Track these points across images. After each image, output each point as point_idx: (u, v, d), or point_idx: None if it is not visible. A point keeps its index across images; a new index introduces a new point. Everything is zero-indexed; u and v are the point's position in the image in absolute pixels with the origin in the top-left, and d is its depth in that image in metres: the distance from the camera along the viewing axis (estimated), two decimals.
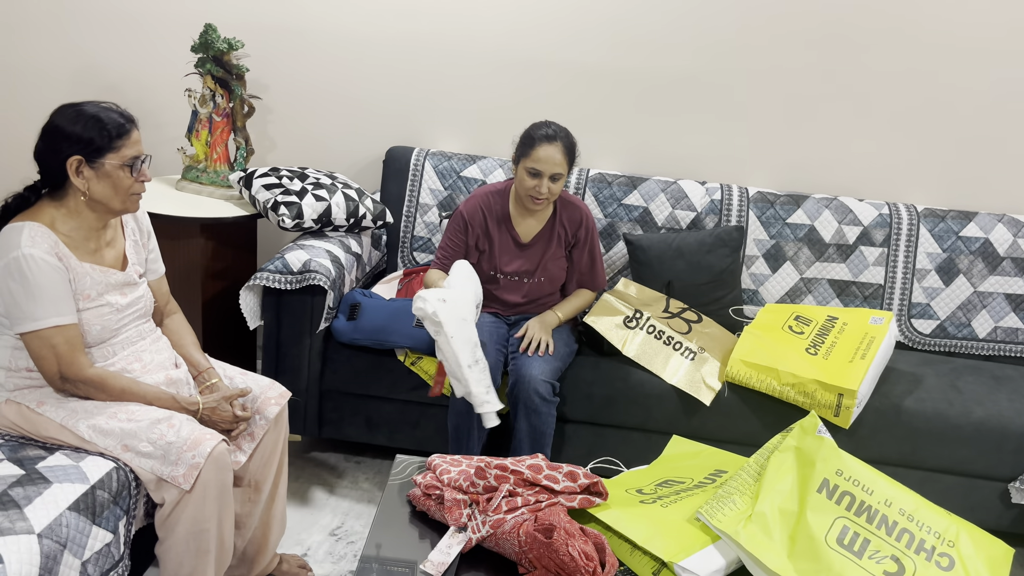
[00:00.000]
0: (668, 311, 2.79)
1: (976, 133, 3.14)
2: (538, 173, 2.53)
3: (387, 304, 2.70)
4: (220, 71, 2.99)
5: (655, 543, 1.64)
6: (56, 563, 1.63)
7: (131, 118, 1.92)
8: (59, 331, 1.84)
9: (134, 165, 1.89)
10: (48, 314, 1.82)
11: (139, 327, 2.04)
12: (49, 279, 1.82)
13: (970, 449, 2.58)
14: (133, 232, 2.07)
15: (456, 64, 3.24)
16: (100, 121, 1.85)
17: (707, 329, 2.79)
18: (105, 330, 1.94)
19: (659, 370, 2.63)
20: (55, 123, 1.85)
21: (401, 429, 2.75)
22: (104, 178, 1.87)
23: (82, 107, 1.87)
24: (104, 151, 1.85)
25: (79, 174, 1.85)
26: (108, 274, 1.94)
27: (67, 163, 1.83)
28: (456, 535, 1.70)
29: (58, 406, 1.89)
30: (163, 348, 2.10)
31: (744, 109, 3.19)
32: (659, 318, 2.75)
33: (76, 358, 1.86)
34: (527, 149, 2.55)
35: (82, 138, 1.83)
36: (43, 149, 1.86)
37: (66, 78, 3.35)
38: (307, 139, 3.36)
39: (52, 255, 1.83)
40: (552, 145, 2.53)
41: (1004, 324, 3.03)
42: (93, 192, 1.87)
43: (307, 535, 2.54)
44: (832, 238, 3.04)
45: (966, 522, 1.74)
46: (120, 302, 1.97)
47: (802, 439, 1.80)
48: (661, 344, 2.68)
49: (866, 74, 3.12)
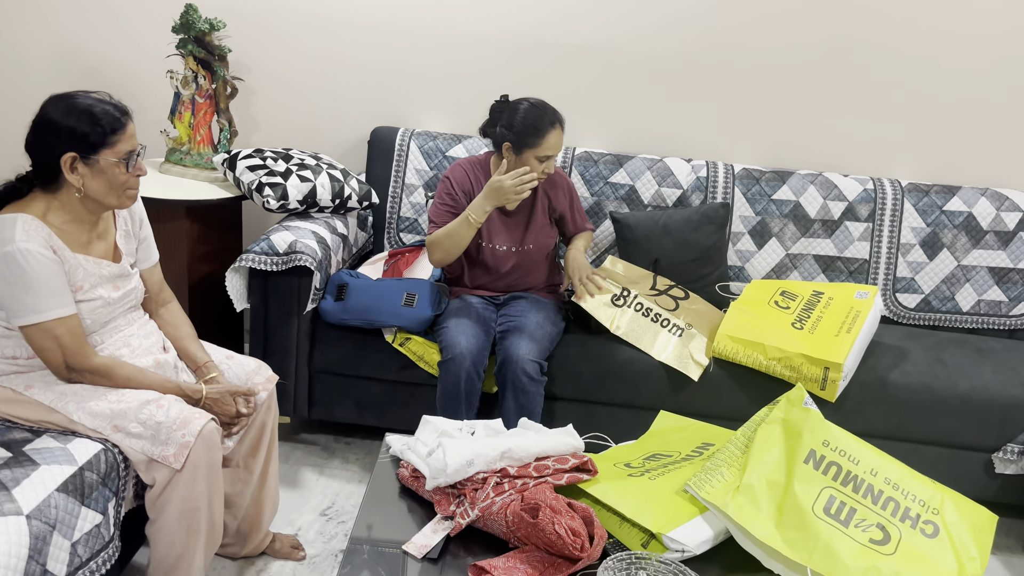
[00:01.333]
0: (655, 288, 2.80)
1: (959, 107, 3.15)
2: (548, 158, 2.58)
3: (375, 284, 2.69)
4: (202, 52, 2.96)
5: (643, 515, 1.66)
6: (46, 544, 1.62)
7: (125, 110, 1.86)
8: (61, 322, 1.82)
9: (129, 160, 1.85)
10: (50, 306, 1.80)
11: (127, 315, 2.04)
12: (47, 271, 1.79)
13: (955, 421, 2.60)
14: (124, 222, 2.04)
15: (440, 43, 3.22)
16: (94, 115, 1.79)
17: (694, 306, 2.80)
18: (95, 323, 1.93)
19: (647, 347, 2.64)
20: (47, 116, 1.80)
21: (390, 409, 2.76)
22: (99, 174, 1.82)
23: (75, 99, 1.81)
24: (99, 147, 1.80)
25: (73, 171, 1.80)
26: (101, 265, 1.92)
27: (61, 160, 1.79)
28: (442, 521, 1.70)
29: (46, 389, 1.88)
30: (151, 332, 2.09)
31: (729, 86, 3.19)
32: (647, 296, 2.76)
33: (81, 348, 1.85)
34: (534, 139, 2.54)
35: (76, 133, 1.78)
36: (35, 143, 1.82)
37: (45, 61, 3.31)
38: (291, 120, 3.34)
39: (47, 248, 1.80)
40: (556, 129, 2.56)
41: (987, 297, 3.05)
42: (88, 188, 1.83)
43: (298, 515, 2.54)
44: (817, 214, 3.05)
45: (950, 490, 1.77)
46: (112, 296, 1.95)
47: (789, 411, 1.81)
48: (649, 322, 2.69)
49: (851, 49, 3.12)
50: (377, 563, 1.60)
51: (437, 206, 2.68)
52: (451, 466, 1.70)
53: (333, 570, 2.33)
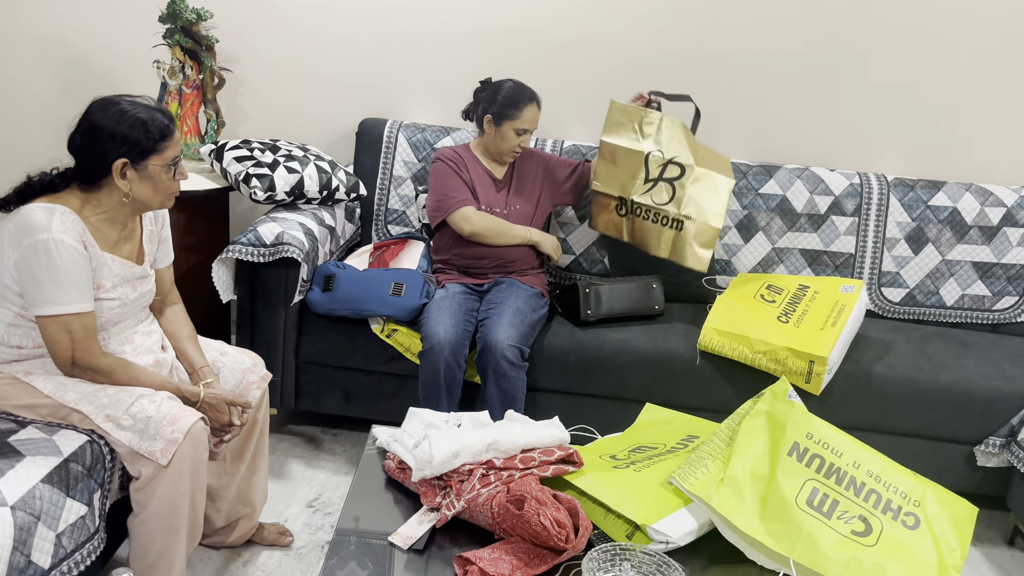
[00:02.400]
0: (649, 179, 2.76)
1: (945, 103, 3.17)
2: (524, 132, 2.75)
3: (361, 274, 2.69)
4: (189, 42, 2.95)
5: (628, 507, 1.67)
6: (30, 535, 1.62)
7: (172, 117, 1.92)
8: (78, 318, 1.83)
9: (175, 166, 1.90)
10: (71, 300, 1.81)
11: (137, 315, 2.05)
12: (76, 266, 1.81)
13: (938, 413, 2.63)
14: (149, 222, 2.07)
15: (429, 35, 3.22)
16: (145, 124, 1.84)
17: (691, 186, 2.70)
18: (108, 322, 1.95)
19: (654, 249, 2.79)
20: (98, 123, 1.82)
21: (378, 401, 2.76)
22: (147, 180, 1.87)
23: (124, 106, 1.84)
24: (149, 153, 1.85)
25: (123, 176, 1.84)
26: (127, 266, 1.94)
27: (113, 166, 1.81)
28: (428, 513, 1.71)
29: (46, 378, 1.89)
30: (153, 331, 2.10)
31: (715, 80, 3.20)
32: (642, 194, 2.75)
33: (90, 345, 1.86)
34: (513, 111, 2.72)
35: (128, 139, 1.82)
36: (84, 147, 1.84)
37: (32, 49, 3.28)
38: (278, 111, 3.33)
39: (79, 243, 1.82)
40: (534, 105, 2.75)
41: (971, 292, 3.08)
42: (135, 193, 1.87)
43: (284, 507, 2.55)
44: (804, 208, 3.07)
45: (932, 482, 1.79)
46: (130, 296, 1.97)
47: (773, 404, 1.83)
48: (650, 223, 2.77)
49: (839, 46, 3.13)
50: (363, 554, 1.60)
51: (447, 183, 2.77)
52: (437, 458, 1.71)
53: (319, 561, 2.33)
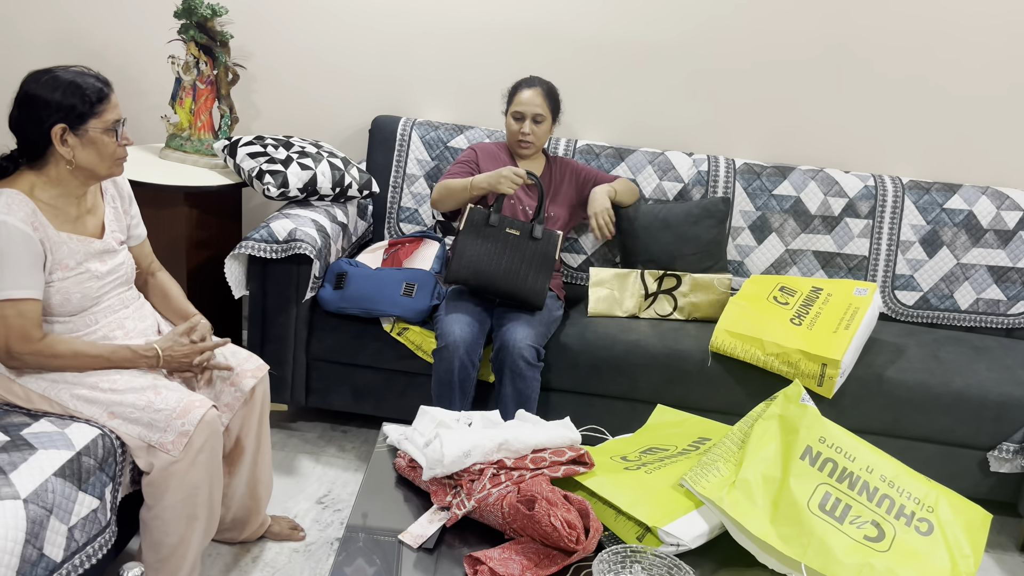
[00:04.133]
0: (648, 294, 2.81)
1: (961, 105, 3.15)
2: (521, 116, 2.76)
3: (373, 273, 2.69)
4: (204, 38, 2.95)
5: (639, 508, 1.66)
6: (43, 528, 1.63)
7: (107, 81, 1.89)
8: (12, 304, 1.79)
9: (117, 129, 1.88)
10: (4, 286, 1.78)
11: (121, 295, 2.02)
12: (15, 249, 1.78)
13: (950, 418, 2.61)
14: (113, 199, 2.05)
15: (443, 33, 3.21)
16: (79, 87, 1.82)
17: (690, 296, 2.83)
18: (86, 298, 1.92)
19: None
20: (31, 91, 1.81)
21: (387, 398, 2.76)
22: (89, 145, 1.84)
23: (56, 73, 1.83)
24: (87, 117, 1.83)
25: (64, 142, 1.82)
26: (86, 243, 1.92)
27: (51, 132, 1.80)
28: (439, 512, 1.71)
29: (38, 377, 1.88)
30: (147, 315, 2.09)
31: (731, 79, 3.18)
32: (645, 311, 2.82)
33: (27, 331, 1.81)
34: (511, 97, 2.80)
35: (63, 105, 1.80)
36: (21, 119, 1.83)
37: (46, 44, 3.30)
38: (292, 107, 3.33)
39: (27, 224, 1.79)
40: (532, 89, 2.76)
41: (986, 296, 3.05)
42: (79, 159, 1.84)
43: (293, 503, 2.55)
44: (818, 209, 3.05)
45: (945, 488, 1.77)
46: (100, 269, 1.94)
47: (786, 407, 1.81)
48: None
49: (854, 46, 3.12)
50: (373, 551, 1.60)
51: (456, 163, 2.82)
52: (448, 457, 1.70)
53: (328, 558, 2.33)
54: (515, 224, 2.58)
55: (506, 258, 2.54)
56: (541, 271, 2.57)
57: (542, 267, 2.57)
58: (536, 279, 2.56)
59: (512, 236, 2.56)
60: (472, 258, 2.54)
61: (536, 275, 2.56)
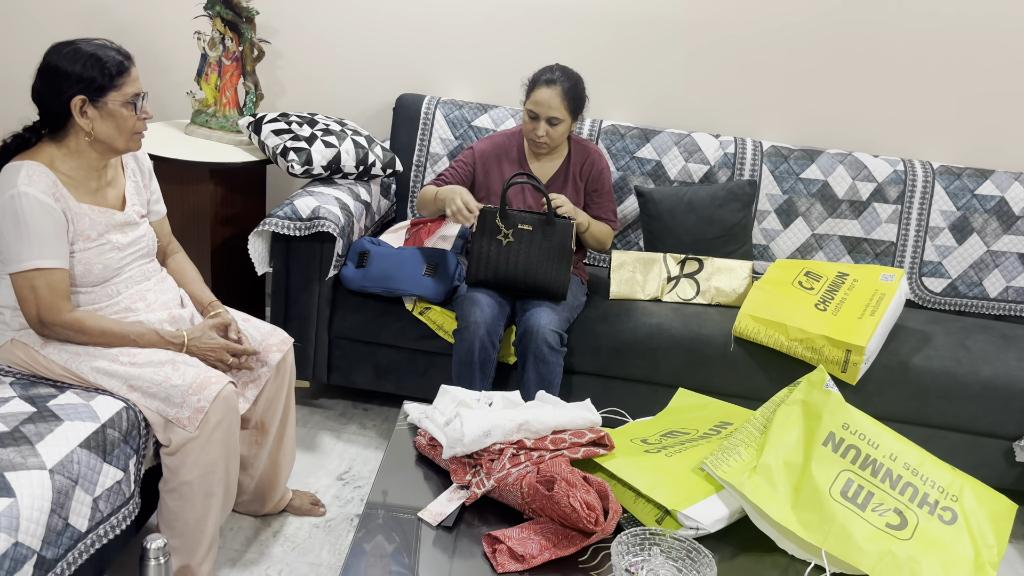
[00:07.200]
0: (670, 277, 2.79)
1: (994, 90, 3.09)
2: (535, 116, 2.59)
3: (396, 252, 2.69)
4: (230, 14, 2.95)
5: (659, 491, 1.66)
6: (68, 498, 1.65)
7: (128, 55, 1.90)
8: (41, 274, 1.82)
9: (136, 103, 1.88)
10: (32, 256, 1.81)
11: (143, 267, 2.04)
12: (40, 220, 1.80)
13: (976, 407, 2.58)
14: (134, 173, 2.06)
15: (468, 11, 3.19)
16: (100, 59, 1.83)
17: (712, 280, 2.80)
18: (107, 269, 1.93)
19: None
20: (53, 63, 1.83)
21: (409, 377, 2.77)
22: (108, 117, 1.85)
23: (78, 45, 1.84)
24: (106, 89, 1.84)
25: (83, 114, 1.83)
26: (107, 214, 1.93)
27: (71, 103, 1.81)
28: (458, 491, 1.71)
29: (60, 349, 1.90)
30: (168, 288, 2.10)
31: (759, 61, 3.14)
32: (667, 294, 2.80)
33: (56, 302, 1.84)
34: (529, 91, 2.62)
35: (83, 77, 1.81)
36: (43, 90, 1.84)
37: (74, 17, 3.31)
38: (317, 85, 3.33)
39: (48, 195, 1.81)
40: (550, 88, 2.56)
41: (1016, 284, 3.00)
42: (97, 132, 1.86)
43: (314, 479, 2.57)
44: (845, 194, 3.01)
45: (970, 477, 1.75)
46: (121, 241, 1.96)
47: (809, 393, 1.80)
48: None
49: (885, 28, 3.06)
50: (392, 529, 1.61)
51: (451, 164, 2.73)
52: (468, 436, 1.71)
53: (348, 534, 2.35)
54: (528, 219, 2.54)
55: (523, 255, 2.52)
56: (560, 262, 2.53)
57: (560, 258, 2.53)
58: (556, 271, 2.53)
59: (526, 232, 2.53)
60: (489, 259, 2.53)
61: (555, 267, 2.53)
